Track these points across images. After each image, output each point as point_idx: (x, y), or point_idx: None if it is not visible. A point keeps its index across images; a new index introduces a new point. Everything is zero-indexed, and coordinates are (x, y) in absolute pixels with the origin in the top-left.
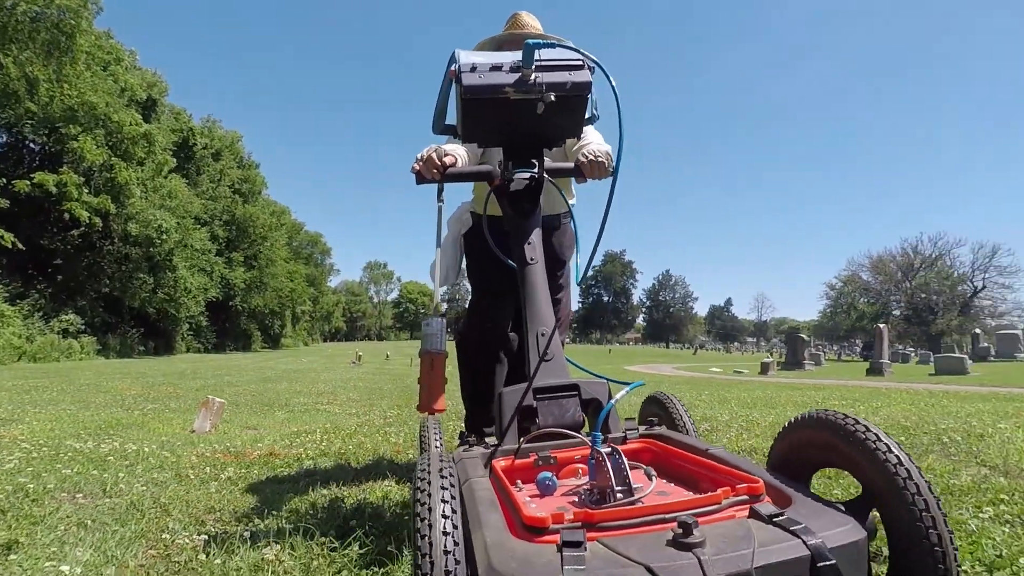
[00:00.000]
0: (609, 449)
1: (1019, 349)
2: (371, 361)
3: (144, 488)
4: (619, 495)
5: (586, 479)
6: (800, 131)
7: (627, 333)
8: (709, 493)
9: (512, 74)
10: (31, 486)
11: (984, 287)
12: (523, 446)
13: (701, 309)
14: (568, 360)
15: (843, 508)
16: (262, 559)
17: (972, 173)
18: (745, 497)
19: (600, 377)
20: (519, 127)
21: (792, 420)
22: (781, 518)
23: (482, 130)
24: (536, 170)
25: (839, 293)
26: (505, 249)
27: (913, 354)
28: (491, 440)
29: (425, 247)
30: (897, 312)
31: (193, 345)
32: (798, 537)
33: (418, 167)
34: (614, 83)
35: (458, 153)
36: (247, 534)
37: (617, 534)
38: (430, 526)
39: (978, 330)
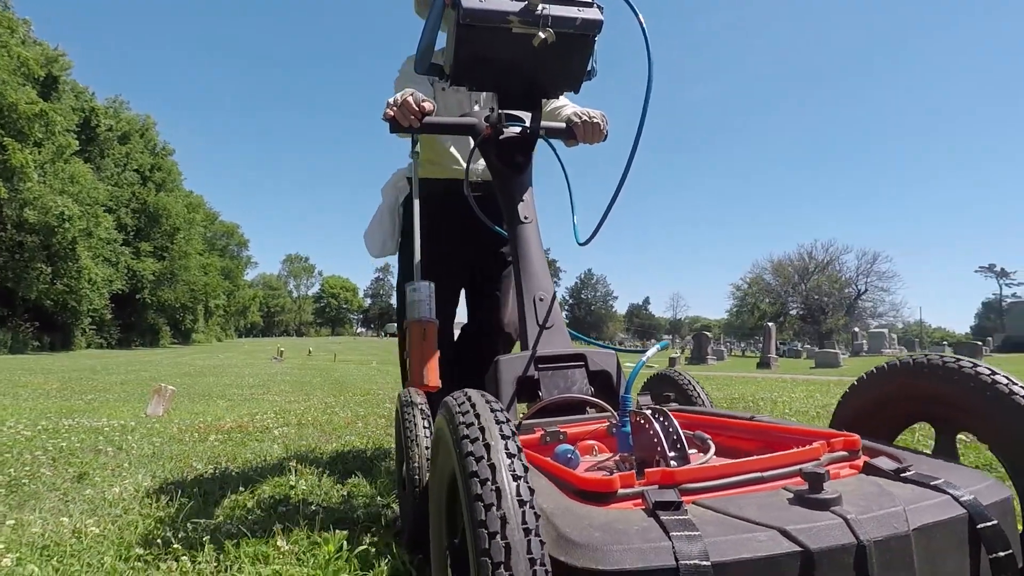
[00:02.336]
0: (650, 411)
1: (886, 345)
2: (293, 357)
3: (153, 447)
4: (672, 464)
5: (604, 456)
6: (713, 137)
7: None
8: (805, 447)
9: (517, 3)
10: (63, 445)
11: (866, 290)
12: (525, 423)
13: (621, 307)
14: (572, 333)
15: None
16: (283, 472)
17: (859, 184)
18: (845, 453)
19: (607, 347)
20: (517, 69)
21: (873, 371)
22: (910, 473)
23: (476, 67)
24: (530, 122)
25: (744, 293)
26: (489, 215)
27: (806, 350)
28: None
29: (349, 239)
30: (794, 312)
31: (95, 340)
32: (946, 493)
33: (392, 113)
34: (642, 19)
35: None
36: (260, 467)
37: (714, 496)
38: (497, 492)
39: (856, 329)
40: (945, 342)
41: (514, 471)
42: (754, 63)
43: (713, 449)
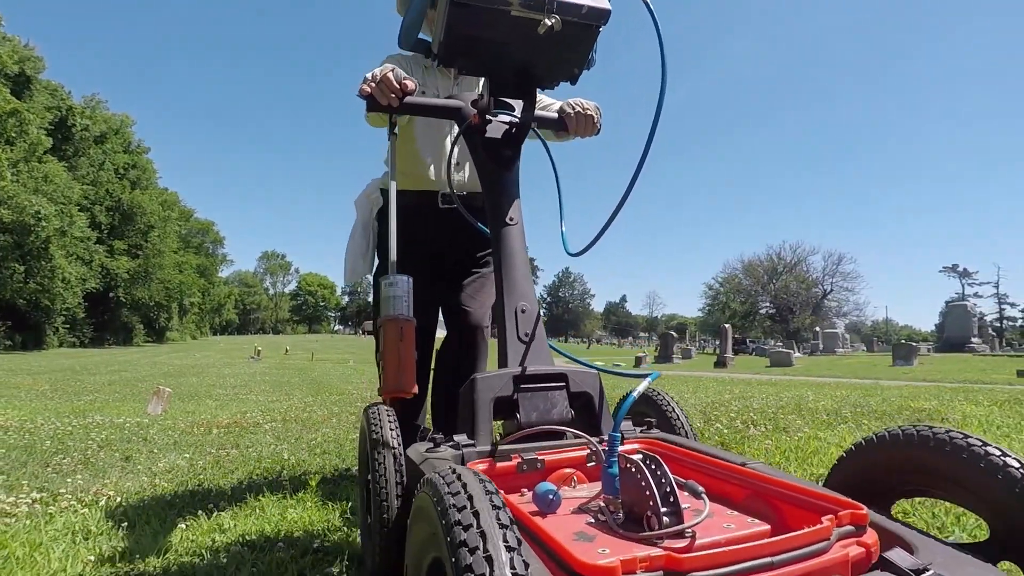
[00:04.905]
0: (641, 456)
1: (838, 345)
2: (271, 356)
3: (171, 438)
4: (665, 520)
5: (584, 489)
6: (692, 136)
7: None
8: (815, 527)
9: None
10: (101, 437)
11: (832, 290)
12: (500, 448)
13: (598, 305)
14: (551, 346)
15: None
16: (277, 452)
17: (832, 185)
18: (852, 528)
19: (590, 366)
20: (512, 55)
21: (872, 437)
22: (928, 574)
23: (468, 50)
24: (522, 112)
25: (716, 293)
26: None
27: (770, 348)
28: (459, 439)
29: (326, 236)
30: (764, 311)
31: (67, 339)
32: None
33: (370, 89)
34: (652, 6)
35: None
36: (259, 450)
37: None
38: None
39: (818, 328)
40: (899, 341)
41: (513, 568)
42: (732, 65)
43: (708, 507)
